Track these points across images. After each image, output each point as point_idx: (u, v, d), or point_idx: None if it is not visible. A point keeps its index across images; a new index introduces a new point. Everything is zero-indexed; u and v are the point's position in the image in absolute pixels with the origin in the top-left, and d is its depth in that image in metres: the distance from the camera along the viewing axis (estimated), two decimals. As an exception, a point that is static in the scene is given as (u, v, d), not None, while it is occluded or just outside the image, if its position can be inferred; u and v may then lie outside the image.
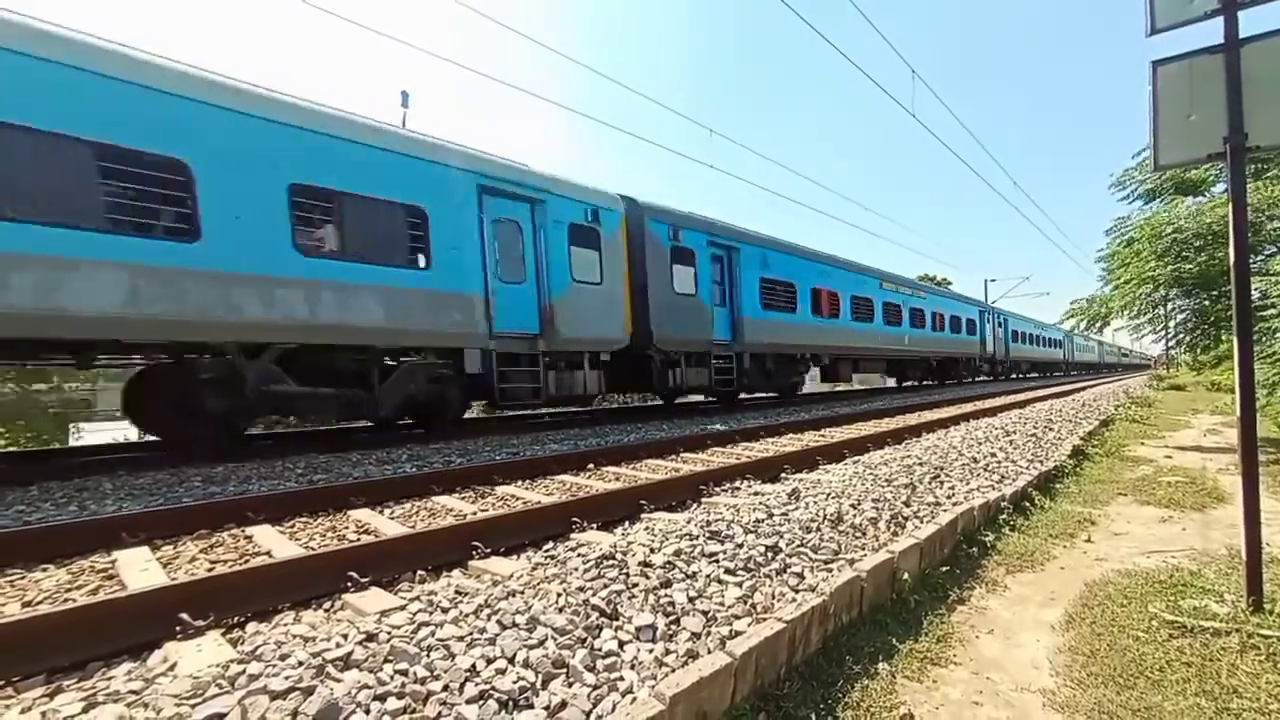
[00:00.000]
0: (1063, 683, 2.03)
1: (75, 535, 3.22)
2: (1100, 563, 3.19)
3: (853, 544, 2.88)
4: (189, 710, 1.42)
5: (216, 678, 1.56)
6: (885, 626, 2.38)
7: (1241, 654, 2.09)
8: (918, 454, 5.31)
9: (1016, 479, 4.55)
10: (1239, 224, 2.39)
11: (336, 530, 3.60)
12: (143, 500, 4.38)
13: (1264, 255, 7.52)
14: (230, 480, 5.12)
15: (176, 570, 2.92)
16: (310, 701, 1.45)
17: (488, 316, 7.72)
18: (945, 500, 3.80)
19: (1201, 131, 2.43)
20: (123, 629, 2.11)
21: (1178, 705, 1.84)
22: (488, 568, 2.80)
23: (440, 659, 1.70)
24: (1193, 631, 2.26)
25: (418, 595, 2.23)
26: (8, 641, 1.92)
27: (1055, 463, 5.31)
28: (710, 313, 11.53)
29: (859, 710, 1.85)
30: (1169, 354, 25.56)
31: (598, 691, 1.63)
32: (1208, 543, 3.44)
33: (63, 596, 2.60)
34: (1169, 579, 2.81)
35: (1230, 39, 2.35)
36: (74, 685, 1.83)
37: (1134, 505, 4.42)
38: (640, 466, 5.72)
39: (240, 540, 3.39)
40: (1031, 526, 3.79)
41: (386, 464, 5.90)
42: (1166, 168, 2.70)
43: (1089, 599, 2.69)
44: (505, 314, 8.02)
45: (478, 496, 4.47)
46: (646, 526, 3.19)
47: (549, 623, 1.91)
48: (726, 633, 1.97)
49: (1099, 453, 6.61)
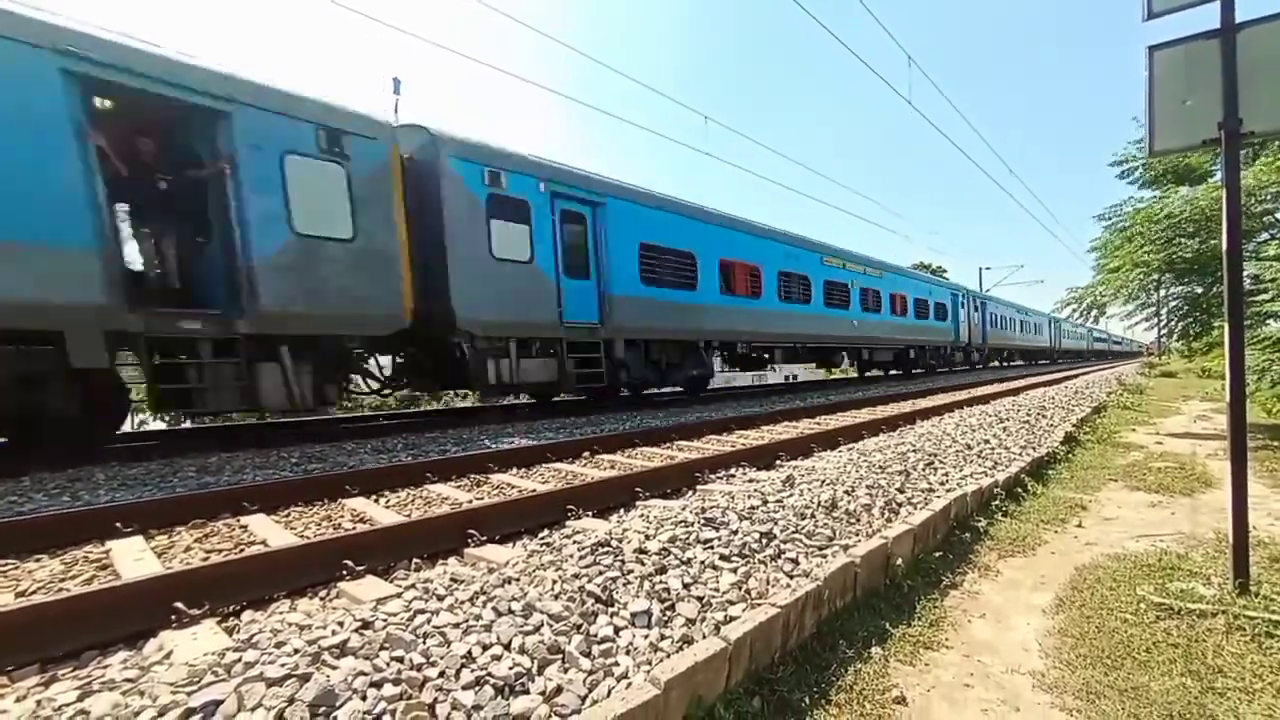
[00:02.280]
0: (1052, 664, 2.06)
1: (69, 525, 3.21)
2: (1090, 547, 3.22)
3: (847, 530, 2.90)
4: (185, 698, 1.42)
5: (213, 665, 1.57)
6: (879, 611, 2.41)
7: (1227, 635, 2.13)
8: (912, 441, 5.34)
9: (1009, 465, 4.59)
10: (1233, 210, 2.39)
11: (332, 519, 3.60)
12: (136, 490, 4.36)
13: (1258, 240, 7.55)
14: (225, 470, 5.11)
15: (171, 560, 2.91)
16: (306, 688, 1.46)
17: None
18: (939, 486, 3.83)
19: (1197, 117, 2.42)
20: (118, 618, 2.11)
21: (1164, 685, 1.87)
22: (483, 555, 2.81)
23: (436, 646, 1.70)
24: (1179, 613, 2.30)
25: (414, 583, 2.24)
26: (2, 631, 1.91)
27: (1048, 449, 5.36)
28: (557, 287, 8.88)
29: (852, 693, 1.87)
30: (1160, 341, 25.55)
31: (593, 677, 1.64)
32: (1196, 527, 3.49)
33: (57, 586, 2.60)
34: (1157, 562, 2.85)
35: (1227, 24, 2.34)
36: (69, 674, 1.83)
37: (1124, 490, 4.47)
38: (636, 454, 5.73)
39: (235, 529, 3.38)
40: (1024, 512, 3.83)
41: (382, 453, 5.89)
42: (1162, 153, 2.69)
43: (1079, 583, 2.72)
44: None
45: (473, 485, 4.47)
46: (642, 514, 3.20)
47: (545, 609, 1.92)
48: (721, 618, 1.98)
49: (1091, 439, 6.67)
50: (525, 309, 8.45)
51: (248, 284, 5.92)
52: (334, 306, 6.54)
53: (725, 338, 12.38)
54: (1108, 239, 9.32)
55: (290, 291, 6.20)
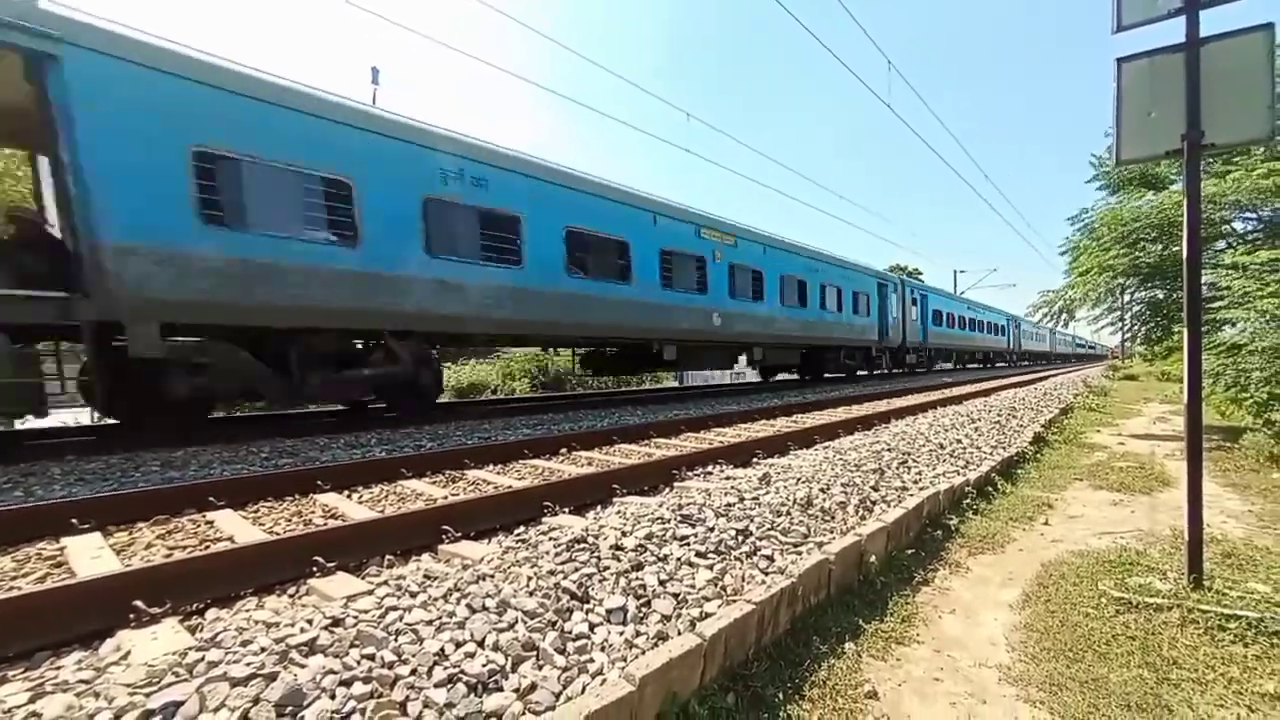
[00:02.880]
0: (1018, 658, 2.11)
1: (20, 521, 3.07)
2: (1056, 544, 3.32)
3: (822, 527, 2.94)
4: (143, 699, 1.38)
5: (173, 665, 1.52)
6: (852, 608, 2.44)
7: (1182, 628, 2.21)
8: (886, 440, 5.43)
9: (980, 464, 4.70)
10: (1193, 219, 2.48)
11: (302, 515, 3.52)
12: (94, 485, 4.21)
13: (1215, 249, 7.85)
14: (190, 464, 4.96)
15: (131, 557, 2.82)
16: (272, 688, 1.42)
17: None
18: (912, 485, 3.90)
19: (1161, 128, 2.50)
20: (72, 618, 2.04)
21: (1122, 676, 1.93)
22: (458, 551, 2.78)
23: (408, 643, 1.67)
24: (1138, 607, 2.38)
25: (386, 580, 2.20)
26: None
27: (1017, 449, 5.50)
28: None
29: (825, 688, 1.90)
30: (1124, 345, 26.22)
31: (568, 674, 1.63)
32: (1154, 524, 3.61)
33: (7, 585, 2.49)
34: (1117, 558, 2.95)
35: (1191, 38, 2.42)
36: (19, 675, 1.75)
37: (1089, 489, 4.61)
38: (613, 451, 5.72)
39: (201, 525, 3.29)
40: (993, 510, 3.93)
41: (355, 448, 5.78)
42: (1128, 163, 2.77)
43: (1044, 579, 2.80)
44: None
45: (448, 481, 4.42)
46: (619, 510, 3.20)
47: (519, 606, 1.90)
48: (697, 614, 1.99)
49: (1058, 439, 6.86)
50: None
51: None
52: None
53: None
54: (1078, 241, 9.60)
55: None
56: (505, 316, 8.26)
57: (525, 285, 8.51)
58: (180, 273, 5.59)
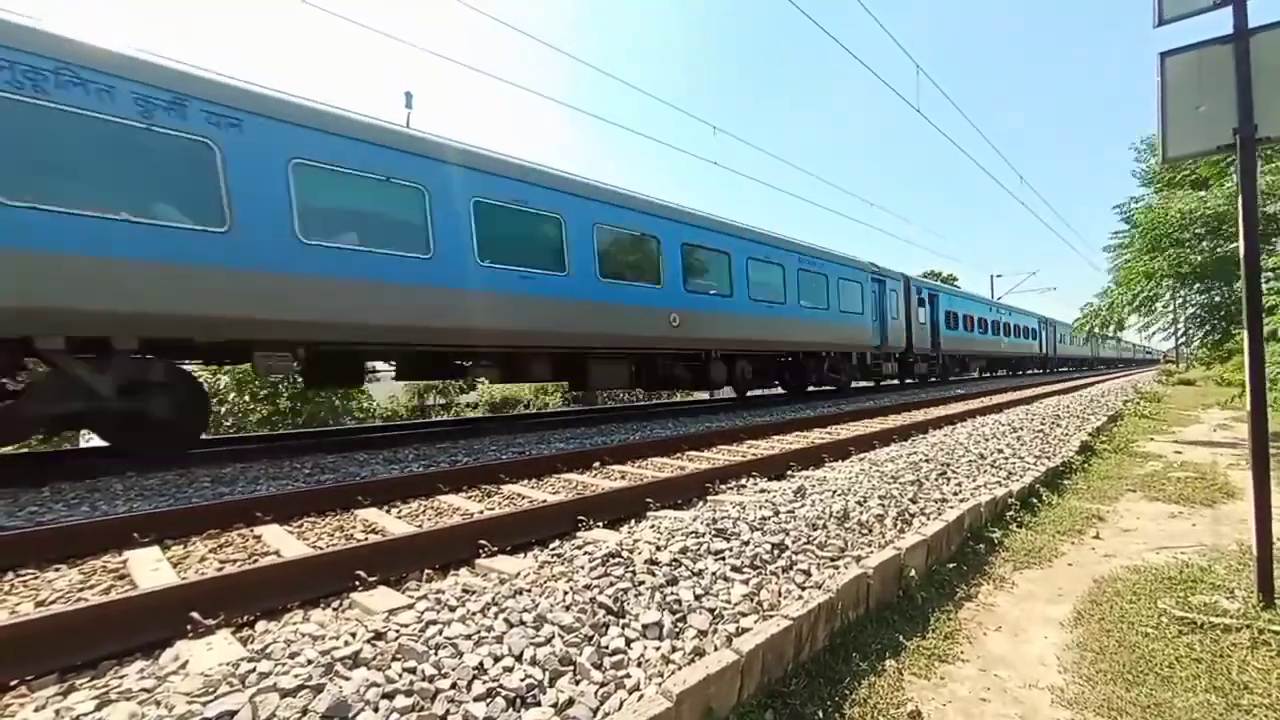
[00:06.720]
0: (1071, 679, 2.02)
1: (87, 535, 3.25)
2: (1109, 559, 3.17)
3: (859, 541, 2.87)
4: (200, 708, 1.44)
5: (227, 675, 1.58)
6: (892, 624, 2.38)
7: (1252, 650, 2.08)
8: (924, 450, 5.29)
9: (1024, 475, 4.53)
10: (1249, 216, 2.37)
11: (344, 529, 3.62)
12: (152, 500, 4.42)
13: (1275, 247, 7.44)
14: (239, 480, 5.16)
15: (187, 570, 2.94)
16: (320, 699, 1.46)
17: None
18: (952, 497, 3.79)
19: (1211, 123, 2.40)
20: (135, 628, 2.14)
21: (1188, 701, 1.82)
22: (495, 566, 2.81)
23: (448, 657, 1.70)
24: (1202, 628, 2.25)
25: (425, 594, 2.24)
26: (22, 640, 1.95)
27: (1063, 459, 5.28)
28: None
29: (866, 707, 1.85)
30: (1178, 349, 24.68)
31: (605, 689, 1.64)
32: (1218, 538, 3.41)
33: (75, 596, 2.63)
34: (1178, 575, 2.80)
35: (1239, 29, 2.33)
36: (87, 684, 1.85)
37: (1143, 501, 4.39)
38: (646, 465, 5.72)
39: (249, 540, 3.41)
40: (1039, 523, 3.77)
41: (394, 464, 5.93)
42: (1175, 160, 2.67)
43: (1097, 595, 2.67)
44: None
45: (484, 495, 4.48)
46: (653, 524, 3.19)
47: (556, 621, 1.92)
48: (733, 630, 1.97)
49: (1107, 449, 6.56)
50: None
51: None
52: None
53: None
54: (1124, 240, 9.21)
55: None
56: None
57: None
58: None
